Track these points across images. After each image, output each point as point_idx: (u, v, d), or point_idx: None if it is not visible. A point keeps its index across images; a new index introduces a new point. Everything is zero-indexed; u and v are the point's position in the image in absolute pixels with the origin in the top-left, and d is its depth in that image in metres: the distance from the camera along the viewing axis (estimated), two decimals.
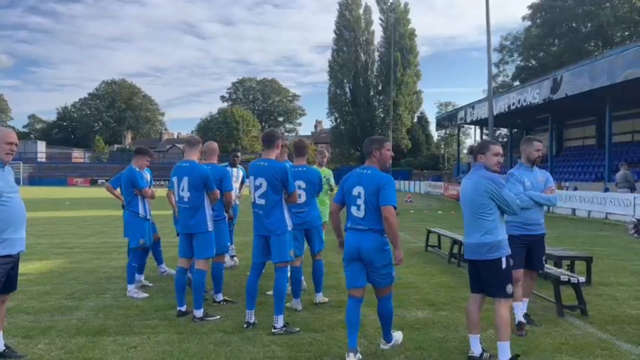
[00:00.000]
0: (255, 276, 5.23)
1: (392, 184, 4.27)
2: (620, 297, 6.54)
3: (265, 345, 4.62)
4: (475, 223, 4.21)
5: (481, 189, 4.17)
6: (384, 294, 4.38)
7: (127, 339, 4.78)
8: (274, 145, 5.20)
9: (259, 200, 5.07)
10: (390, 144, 4.64)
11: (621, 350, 4.51)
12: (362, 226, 4.25)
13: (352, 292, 4.37)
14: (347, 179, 4.43)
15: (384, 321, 4.45)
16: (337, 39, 64.61)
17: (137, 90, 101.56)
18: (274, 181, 4.99)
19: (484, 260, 4.17)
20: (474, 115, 33.66)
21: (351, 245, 4.29)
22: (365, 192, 4.23)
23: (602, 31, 45.20)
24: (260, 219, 5.10)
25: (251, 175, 5.15)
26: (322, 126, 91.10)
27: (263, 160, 5.12)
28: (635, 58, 18.72)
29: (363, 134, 61.93)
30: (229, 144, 62.30)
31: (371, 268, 4.28)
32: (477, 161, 4.42)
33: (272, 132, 5.33)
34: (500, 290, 4.14)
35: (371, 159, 4.39)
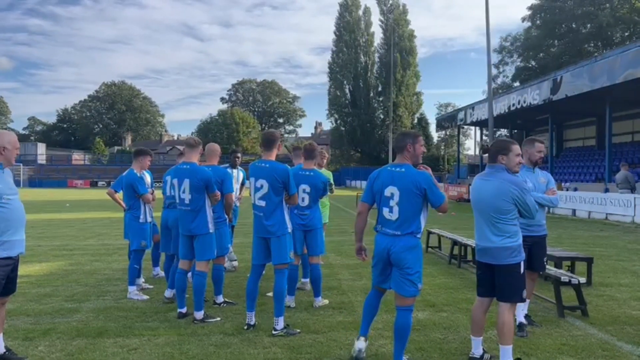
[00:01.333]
0: (255, 278, 5.22)
1: (432, 180, 4.03)
2: (621, 297, 6.54)
3: (265, 347, 4.62)
4: (495, 227, 4.04)
5: (506, 195, 3.99)
6: (405, 304, 4.03)
7: (127, 340, 4.78)
8: (274, 147, 5.18)
9: (259, 202, 5.06)
10: (422, 138, 4.33)
11: (622, 351, 4.51)
12: (395, 230, 4.01)
13: (377, 287, 4.27)
14: (377, 178, 4.15)
15: (399, 337, 4.02)
16: (336, 41, 64.72)
17: (137, 92, 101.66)
18: (276, 183, 4.98)
19: (504, 264, 4.03)
20: (474, 116, 33.66)
21: (381, 247, 4.06)
22: (400, 193, 3.98)
23: (601, 32, 45.24)
24: (260, 221, 5.08)
25: (252, 177, 5.13)
26: (322, 127, 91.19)
27: (264, 161, 5.10)
28: (635, 58, 18.72)
29: (363, 135, 62.07)
30: (229, 146, 62.28)
31: (399, 269, 4.02)
32: (496, 162, 4.15)
33: (272, 133, 5.30)
34: (516, 295, 4.04)
35: (404, 155, 4.09)
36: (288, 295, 5.84)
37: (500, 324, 4.02)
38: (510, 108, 28.30)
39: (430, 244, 10.47)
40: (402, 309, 4.04)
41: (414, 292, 4.03)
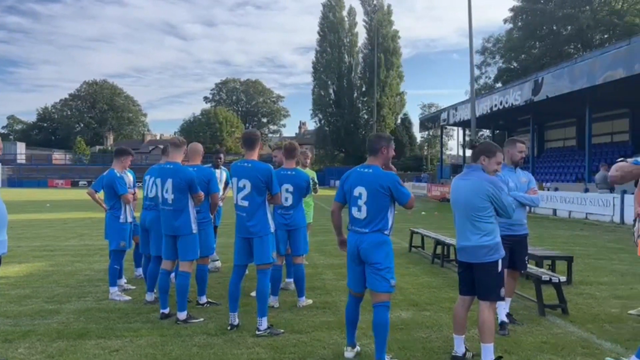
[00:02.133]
0: (238, 278, 5.19)
1: (397, 180, 4.17)
2: (600, 296, 6.65)
3: (249, 347, 4.60)
4: (472, 225, 4.12)
5: (482, 192, 4.08)
6: (380, 300, 4.09)
7: (109, 342, 4.72)
8: (255, 146, 5.18)
9: (241, 202, 5.03)
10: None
11: (601, 349, 4.58)
12: (363, 228, 4.14)
13: (351, 291, 4.36)
14: (348, 179, 4.32)
15: (378, 334, 4.07)
16: (320, 41, 64.73)
17: (118, 91, 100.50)
18: (259, 183, 4.97)
19: (481, 262, 4.10)
20: (457, 117, 33.96)
21: (351, 244, 4.21)
22: (367, 193, 4.11)
23: (581, 34, 45.93)
24: (243, 221, 5.06)
25: (234, 177, 5.10)
26: (306, 127, 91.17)
27: (246, 161, 5.08)
28: (614, 60, 19.06)
29: (347, 135, 62.18)
30: (212, 145, 61.94)
31: (370, 267, 4.12)
32: (477, 162, 4.27)
33: (253, 133, 5.30)
34: (494, 293, 4.11)
35: (377, 157, 4.23)
36: (272, 296, 5.83)
37: (481, 322, 4.08)
38: (493, 109, 28.60)
39: (413, 243, 10.53)
40: (378, 305, 4.11)
41: (386, 288, 4.10)
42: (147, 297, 6.15)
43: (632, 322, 5.42)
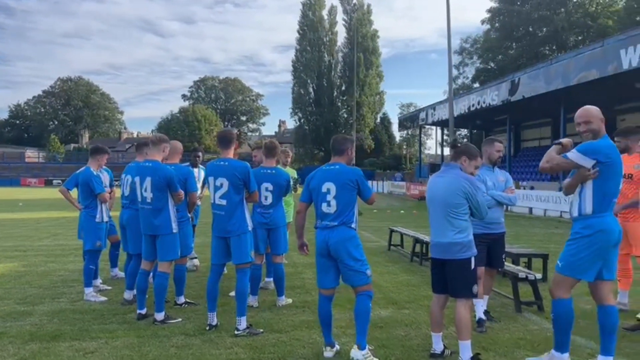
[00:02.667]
0: (215, 278, 5.15)
1: (363, 175, 4.37)
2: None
3: (228, 347, 4.56)
4: (447, 222, 4.16)
5: (458, 188, 4.14)
6: (362, 291, 4.25)
7: (83, 344, 4.63)
8: (231, 145, 5.15)
9: (219, 201, 4.99)
10: None
11: (575, 345, 4.66)
12: (332, 221, 4.25)
13: (322, 290, 4.41)
14: (313, 178, 4.41)
15: (359, 322, 4.22)
16: (300, 39, 64.61)
17: (94, 88, 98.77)
18: (236, 181, 4.93)
19: (454, 259, 4.15)
20: (435, 116, 34.24)
21: (321, 240, 4.29)
22: (336, 187, 4.24)
23: (556, 35, 46.75)
24: (220, 220, 5.02)
25: (210, 176, 5.06)
26: (286, 126, 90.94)
27: (223, 160, 5.05)
28: (588, 62, 19.42)
29: (327, 134, 62.16)
30: (190, 144, 61.37)
31: (342, 263, 4.24)
32: (457, 161, 4.37)
33: (229, 132, 5.28)
34: (467, 290, 4.16)
35: (343, 156, 4.43)
36: (251, 295, 5.79)
37: (457, 319, 4.12)
38: (470, 108, 28.90)
39: (392, 242, 10.58)
40: (361, 294, 4.26)
41: (365, 280, 4.26)
42: (126, 295, 6.06)
43: None
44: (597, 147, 3.91)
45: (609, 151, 3.89)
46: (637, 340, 4.82)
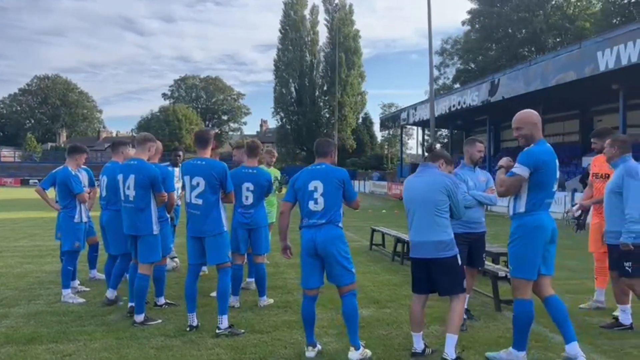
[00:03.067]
0: (193, 278, 5.11)
1: (349, 177, 4.45)
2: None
3: (209, 348, 4.52)
4: (432, 221, 4.17)
5: (441, 185, 4.18)
6: (347, 290, 4.28)
7: (61, 346, 4.55)
8: (208, 145, 5.14)
9: (195, 200, 4.96)
10: None
11: (553, 342, 4.73)
12: (319, 219, 4.25)
13: (306, 291, 4.40)
14: (299, 178, 4.42)
15: (350, 322, 4.27)
16: (282, 39, 64.43)
17: (72, 86, 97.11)
18: (213, 180, 4.91)
19: (442, 258, 4.15)
20: (416, 117, 34.48)
21: (307, 239, 4.28)
22: (323, 185, 4.26)
23: (535, 37, 47.44)
24: (196, 220, 4.98)
25: (186, 175, 5.02)
26: (268, 125, 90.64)
27: (199, 159, 5.04)
28: (566, 64, 19.76)
29: (309, 133, 62.19)
30: (171, 143, 60.78)
31: (330, 262, 4.24)
32: (435, 162, 4.43)
33: (205, 132, 5.30)
34: (459, 287, 4.22)
35: (327, 159, 4.47)
36: (232, 295, 5.75)
37: (453, 313, 4.16)
38: (451, 109, 29.18)
39: (374, 241, 10.61)
40: (346, 295, 4.29)
41: (351, 279, 4.30)
42: (108, 294, 5.97)
43: (582, 316, 5.62)
44: (530, 154, 4.06)
45: (541, 157, 4.04)
46: (615, 337, 4.90)
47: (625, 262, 4.90)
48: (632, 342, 4.72)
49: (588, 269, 8.31)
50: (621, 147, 5.01)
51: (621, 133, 18.27)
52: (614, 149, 5.04)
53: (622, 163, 4.97)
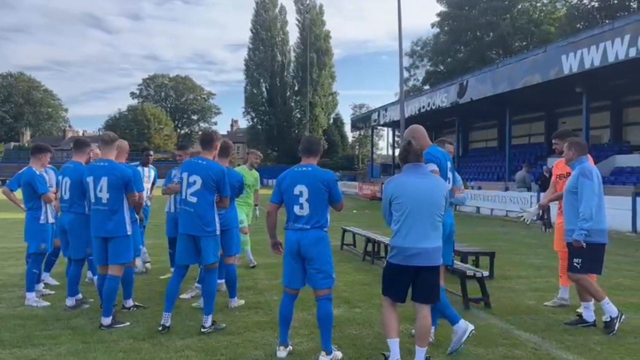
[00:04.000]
0: (178, 280, 5.08)
1: (335, 179, 4.46)
2: (519, 289, 7.02)
3: (178, 350, 4.47)
4: (434, 226, 3.98)
5: (444, 189, 4.10)
6: (324, 295, 4.26)
7: (25, 351, 4.43)
8: (212, 147, 5.15)
9: (190, 198, 4.94)
10: None
11: (520, 339, 4.84)
12: (305, 224, 4.23)
13: (288, 290, 4.40)
14: (284, 179, 4.38)
15: (323, 327, 4.23)
16: (253, 38, 64.14)
17: (36, 84, 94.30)
18: (210, 181, 4.91)
19: (434, 266, 3.99)
20: (387, 117, 34.79)
21: (291, 241, 4.26)
22: (308, 190, 4.22)
23: (502, 40, 48.40)
24: (189, 217, 4.95)
25: (185, 172, 5.02)
26: (238, 125, 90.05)
27: (201, 158, 5.05)
28: (532, 67, 20.24)
29: (280, 134, 62.10)
30: (139, 143, 59.78)
31: (311, 265, 4.24)
32: (418, 161, 4.11)
33: (211, 134, 5.31)
34: (437, 296, 4.13)
35: (315, 157, 4.46)
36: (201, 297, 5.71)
37: (425, 326, 3.99)
38: (421, 110, 29.54)
39: (345, 241, 10.66)
40: (322, 299, 4.27)
41: (329, 284, 4.31)
42: (68, 302, 5.82)
43: (547, 313, 5.77)
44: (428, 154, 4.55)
45: (435, 156, 4.66)
46: (578, 333, 5.04)
47: (575, 259, 5.09)
48: (595, 339, 4.87)
49: (553, 267, 8.52)
50: (578, 149, 5.24)
51: (584, 134, 18.87)
52: (571, 152, 5.28)
53: (578, 164, 5.19)
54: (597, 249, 5.09)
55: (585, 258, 5.06)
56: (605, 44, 16.30)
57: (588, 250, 5.02)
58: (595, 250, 5.08)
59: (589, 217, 4.94)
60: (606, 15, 38.51)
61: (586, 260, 5.06)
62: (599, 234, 5.08)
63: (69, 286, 5.82)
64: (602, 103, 23.36)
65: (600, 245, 5.11)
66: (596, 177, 5.08)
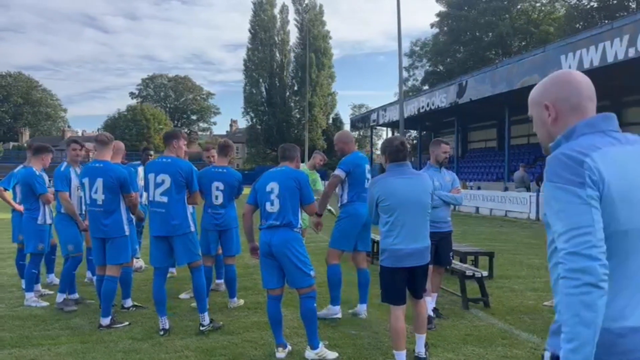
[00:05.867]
0: (161, 282, 5.03)
1: (308, 179, 4.50)
2: (518, 289, 7.03)
3: (177, 350, 4.47)
4: (423, 225, 4.01)
5: (429, 186, 4.09)
6: (305, 292, 4.27)
7: (24, 351, 4.43)
8: (175, 143, 5.09)
9: (160, 198, 4.89)
10: None
11: (519, 339, 4.84)
12: (274, 220, 4.25)
13: (269, 291, 4.40)
14: (259, 181, 4.47)
15: (307, 324, 4.28)
16: (252, 38, 64.10)
17: (35, 84, 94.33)
18: (179, 178, 4.88)
19: (426, 264, 4.07)
20: (386, 118, 34.75)
21: (264, 242, 4.28)
22: (279, 186, 4.28)
23: (501, 41, 48.46)
24: (162, 218, 4.90)
25: (150, 173, 4.96)
26: (238, 125, 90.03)
27: (165, 157, 5.01)
28: (531, 67, 20.25)
29: (279, 134, 62.05)
30: (139, 143, 59.72)
31: (285, 265, 4.23)
32: (406, 160, 4.09)
33: (174, 131, 5.29)
34: (425, 288, 4.24)
35: (292, 163, 4.53)
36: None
37: (424, 314, 4.21)
38: (420, 110, 29.52)
39: None
40: (305, 296, 4.29)
41: (308, 282, 4.28)
42: (57, 299, 5.85)
43: (546, 313, 5.77)
44: (345, 161, 5.45)
45: (353, 162, 5.43)
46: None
47: None
48: None
49: None
50: None
51: None
52: None
53: None
54: None
55: None
56: (605, 44, 16.30)
57: None
58: None
59: None
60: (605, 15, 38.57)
61: None
62: None
63: (62, 283, 5.87)
64: (601, 103, 22.72)
65: None
66: None
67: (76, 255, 5.89)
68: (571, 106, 1.66)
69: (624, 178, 1.50)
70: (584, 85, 1.68)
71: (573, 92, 1.66)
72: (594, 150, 1.51)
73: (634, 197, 1.50)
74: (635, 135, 1.68)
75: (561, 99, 1.67)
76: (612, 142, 1.56)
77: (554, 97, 1.69)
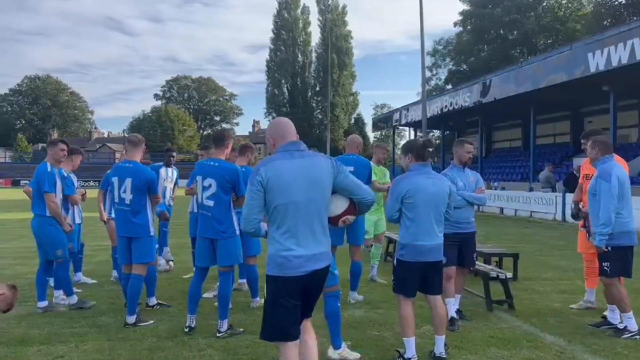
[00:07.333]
0: (199, 281, 5.09)
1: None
2: (544, 291, 6.91)
3: (201, 349, 4.52)
4: (436, 223, 4.20)
5: (447, 187, 4.27)
6: (329, 291, 4.22)
7: (52, 348, 4.53)
8: (223, 146, 5.13)
9: (207, 202, 4.95)
10: None
11: (545, 342, 4.76)
12: None
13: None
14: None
15: (330, 323, 4.31)
16: (274, 39, 64.46)
17: (63, 86, 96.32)
18: (224, 182, 4.91)
19: (439, 261, 4.27)
20: (409, 117, 34.52)
21: None
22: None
23: (527, 39, 47.73)
24: (208, 221, 4.96)
25: (199, 175, 5.02)
26: (260, 126, 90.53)
27: (213, 160, 5.03)
28: (556, 65, 19.88)
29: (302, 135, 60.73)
30: (163, 144, 60.53)
31: None
32: (427, 160, 4.29)
33: (223, 132, 5.32)
34: (441, 286, 4.37)
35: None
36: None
37: (443, 315, 4.29)
38: (443, 110, 29.24)
39: None
40: (329, 295, 4.25)
41: (333, 281, 4.20)
42: (70, 302, 5.94)
43: (573, 316, 5.66)
44: (342, 160, 5.53)
45: (340, 161, 5.39)
46: (605, 337, 4.95)
47: (603, 263, 4.99)
48: (622, 342, 4.76)
49: (579, 268, 8.37)
50: (601, 148, 5.08)
51: (612, 134, 18.47)
52: (595, 150, 5.13)
53: (600, 164, 5.04)
54: (624, 251, 4.97)
55: (613, 261, 4.93)
56: (633, 41, 15.91)
57: (614, 253, 4.91)
58: (622, 253, 4.95)
59: (607, 222, 4.81)
60: (634, 12, 37.67)
61: (614, 264, 4.93)
62: (625, 236, 4.94)
63: (40, 289, 5.89)
64: (629, 102, 22.84)
65: (627, 248, 4.99)
66: (616, 178, 4.85)
67: (63, 260, 5.92)
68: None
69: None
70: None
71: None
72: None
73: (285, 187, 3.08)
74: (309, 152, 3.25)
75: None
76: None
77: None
